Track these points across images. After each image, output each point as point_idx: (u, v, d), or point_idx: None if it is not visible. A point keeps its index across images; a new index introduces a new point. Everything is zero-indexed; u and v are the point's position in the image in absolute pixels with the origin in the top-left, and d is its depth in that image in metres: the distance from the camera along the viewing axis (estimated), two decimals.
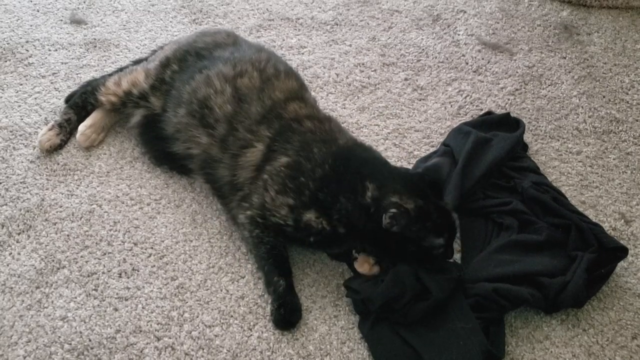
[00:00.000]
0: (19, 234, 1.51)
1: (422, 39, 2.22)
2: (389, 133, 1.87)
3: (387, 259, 1.44)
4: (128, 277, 1.46)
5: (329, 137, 1.51)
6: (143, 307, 1.40)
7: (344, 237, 1.42)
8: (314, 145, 1.47)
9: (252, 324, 1.40)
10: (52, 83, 1.90)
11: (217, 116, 1.55)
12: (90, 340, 1.34)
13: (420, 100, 1.98)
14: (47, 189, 1.61)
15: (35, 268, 1.45)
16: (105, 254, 1.49)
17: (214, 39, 1.75)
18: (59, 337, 1.34)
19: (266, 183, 1.45)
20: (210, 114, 1.56)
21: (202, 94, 1.58)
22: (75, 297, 1.41)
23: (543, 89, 2.06)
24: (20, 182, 1.62)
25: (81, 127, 1.70)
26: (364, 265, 1.46)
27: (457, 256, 1.55)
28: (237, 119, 1.54)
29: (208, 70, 1.62)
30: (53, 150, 1.69)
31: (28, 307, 1.38)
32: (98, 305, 1.40)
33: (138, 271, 1.47)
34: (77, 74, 1.93)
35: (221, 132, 1.54)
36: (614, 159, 1.84)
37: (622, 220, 1.67)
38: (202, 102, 1.57)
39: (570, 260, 1.48)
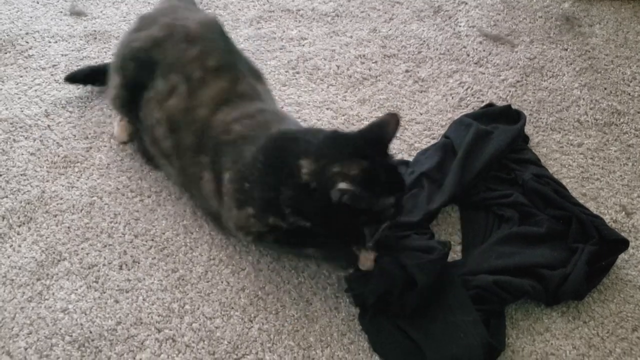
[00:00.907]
0: (19, 226, 1.52)
1: (423, 30, 2.22)
2: None
3: (340, 236, 1.35)
4: (129, 269, 1.46)
5: (259, 132, 1.37)
6: (144, 299, 1.41)
7: (312, 229, 1.32)
8: (244, 149, 1.35)
9: (252, 315, 1.40)
10: (52, 75, 1.90)
11: (166, 150, 1.49)
12: (91, 332, 1.34)
13: (421, 92, 1.98)
14: (47, 181, 1.61)
15: (35, 260, 1.45)
16: (105, 246, 1.49)
17: (150, 34, 1.55)
18: (60, 329, 1.34)
19: (227, 204, 1.38)
20: (161, 146, 1.50)
21: (149, 123, 1.50)
22: (76, 289, 1.41)
23: (544, 81, 2.05)
24: (21, 175, 1.62)
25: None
26: (366, 263, 1.43)
27: (457, 248, 1.55)
28: (180, 154, 1.46)
29: (148, 92, 1.49)
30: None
31: (29, 299, 1.39)
32: (99, 297, 1.40)
33: (139, 263, 1.47)
34: (77, 66, 1.93)
35: (177, 165, 1.49)
36: (615, 151, 1.84)
37: (623, 212, 1.67)
38: (152, 133, 1.50)
39: (571, 252, 1.48)
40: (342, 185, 1.20)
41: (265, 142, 1.34)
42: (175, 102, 1.45)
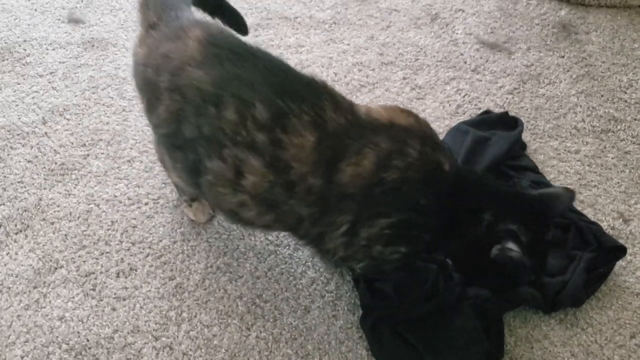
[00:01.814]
0: (16, 233, 1.51)
1: (420, 38, 2.22)
2: None
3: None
4: (126, 277, 1.45)
5: (427, 171, 1.15)
6: (141, 307, 1.40)
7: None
8: (413, 193, 1.14)
9: (250, 323, 1.39)
10: (49, 82, 1.90)
11: (265, 223, 1.24)
12: (88, 340, 1.33)
13: (418, 99, 1.98)
14: (44, 189, 1.61)
15: (32, 268, 1.45)
16: (103, 253, 1.49)
17: (166, 111, 1.21)
18: (57, 337, 1.34)
19: (365, 242, 1.19)
20: (257, 223, 1.26)
21: (226, 208, 1.25)
22: (73, 297, 1.41)
23: (541, 88, 2.06)
24: (18, 182, 1.62)
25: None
26: None
27: None
28: (290, 224, 1.22)
29: (205, 176, 1.20)
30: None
31: (26, 307, 1.38)
32: (96, 305, 1.40)
33: (136, 271, 1.47)
34: (74, 73, 1.93)
35: (282, 227, 1.28)
36: (612, 158, 1.84)
37: (621, 219, 1.67)
38: (238, 216, 1.25)
39: (569, 259, 1.48)
40: (510, 245, 1.12)
41: (444, 186, 1.17)
42: (255, 181, 1.14)
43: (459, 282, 1.41)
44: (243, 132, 1.11)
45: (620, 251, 1.51)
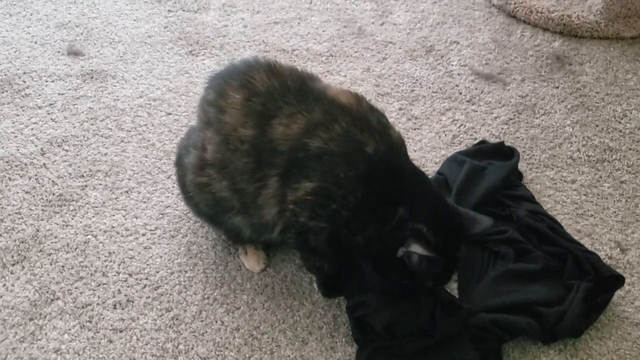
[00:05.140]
0: (13, 265, 1.51)
1: (416, 69, 2.25)
2: None
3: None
4: (123, 309, 1.44)
5: (349, 149, 1.26)
6: (138, 339, 1.39)
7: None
8: (335, 168, 1.25)
9: (247, 356, 1.38)
10: (48, 114, 1.91)
11: (220, 192, 1.37)
12: None
13: (414, 129, 2.00)
14: (42, 220, 1.61)
15: (29, 299, 1.44)
16: (99, 285, 1.48)
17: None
18: None
19: (294, 211, 1.30)
20: (220, 198, 1.39)
21: (197, 181, 1.40)
22: (69, 329, 1.40)
23: (536, 118, 2.08)
24: (15, 213, 1.62)
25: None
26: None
27: (453, 285, 1.54)
28: (235, 180, 1.33)
29: (188, 175, 1.43)
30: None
31: (21, 339, 1.37)
32: (92, 337, 1.39)
33: (133, 302, 1.46)
34: (73, 105, 1.95)
35: (232, 193, 1.36)
36: (608, 188, 1.85)
37: (618, 248, 1.67)
38: (212, 195, 1.39)
39: (566, 289, 1.48)
40: (414, 247, 1.21)
41: (362, 167, 1.26)
42: (211, 148, 1.34)
43: (466, 313, 1.40)
44: (202, 115, 1.40)
45: (618, 281, 1.51)
